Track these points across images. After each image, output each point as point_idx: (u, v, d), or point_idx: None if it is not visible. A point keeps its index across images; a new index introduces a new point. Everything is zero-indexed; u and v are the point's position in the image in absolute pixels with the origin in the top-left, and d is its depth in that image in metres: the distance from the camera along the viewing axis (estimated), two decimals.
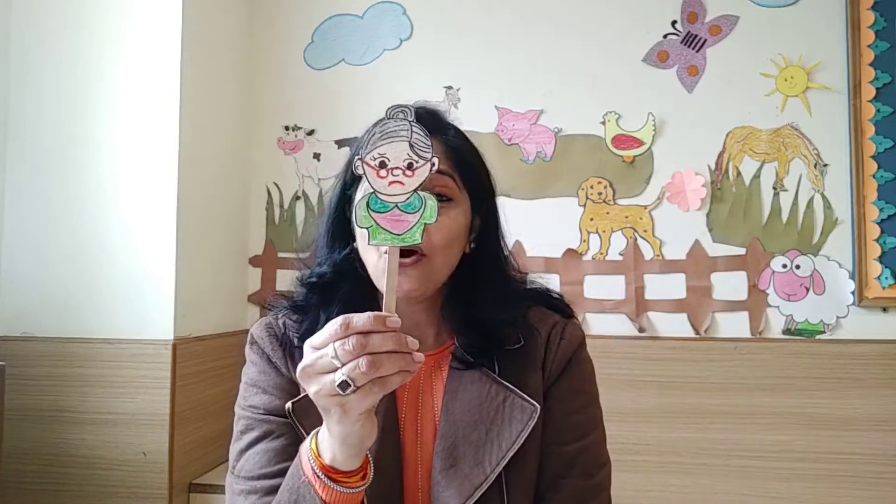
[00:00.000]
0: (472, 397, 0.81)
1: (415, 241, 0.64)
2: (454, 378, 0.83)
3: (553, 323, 0.88)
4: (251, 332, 0.88)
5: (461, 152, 0.84)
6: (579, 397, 0.86)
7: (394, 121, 0.64)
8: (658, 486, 1.79)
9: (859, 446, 1.73)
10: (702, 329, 1.85)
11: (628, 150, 1.92)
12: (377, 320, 0.60)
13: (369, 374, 0.59)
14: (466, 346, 0.83)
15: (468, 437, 0.79)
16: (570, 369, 0.86)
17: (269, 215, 2.08)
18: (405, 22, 2.04)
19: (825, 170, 1.84)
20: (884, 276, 1.76)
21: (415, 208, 0.64)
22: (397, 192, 0.63)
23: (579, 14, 1.96)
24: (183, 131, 1.69)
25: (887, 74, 1.79)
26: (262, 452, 0.79)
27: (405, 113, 0.64)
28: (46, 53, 1.72)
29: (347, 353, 0.59)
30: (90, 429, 1.62)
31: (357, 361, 0.59)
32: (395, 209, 0.63)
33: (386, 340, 0.60)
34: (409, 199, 0.63)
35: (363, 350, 0.59)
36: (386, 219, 0.63)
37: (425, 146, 0.64)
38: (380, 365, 0.59)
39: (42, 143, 1.70)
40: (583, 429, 0.85)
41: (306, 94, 2.07)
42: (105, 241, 1.67)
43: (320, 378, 0.61)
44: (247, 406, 0.84)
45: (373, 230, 0.63)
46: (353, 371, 0.59)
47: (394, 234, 0.63)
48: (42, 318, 1.67)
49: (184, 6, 1.69)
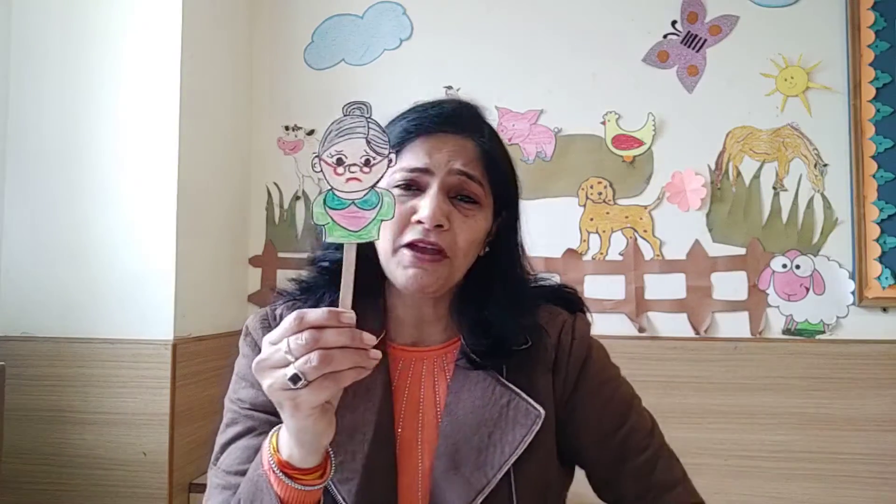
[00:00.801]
0: (476, 398, 0.80)
1: (371, 237, 0.63)
2: (459, 377, 0.81)
3: (562, 322, 0.87)
4: (246, 323, 0.88)
5: (493, 157, 0.83)
6: (606, 387, 0.86)
7: (350, 117, 0.63)
8: None
9: (859, 446, 1.73)
10: (702, 329, 1.85)
11: (628, 150, 1.92)
12: (331, 315, 0.60)
13: (320, 369, 0.59)
14: (473, 346, 0.82)
15: (470, 439, 0.78)
16: (588, 366, 0.85)
17: (269, 215, 2.08)
18: (405, 22, 2.04)
19: (825, 170, 1.83)
20: (884, 276, 1.76)
21: (372, 205, 0.63)
22: (354, 189, 0.63)
23: (579, 14, 1.96)
24: (183, 131, 1.69)
25: (887, 74, 1.79)
26: (244, 449, 0.79)
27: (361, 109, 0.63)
28: (46, 53, 1.72)
29: (300, 348, 0.59)
30: (90, 429, 1.62)
31: (309, 356, 0.59)
32: (352, 206, 0.63)
33: (339, 335, 0.60)
34: (366, 196, 0.63)
35: (315, 345, 0.59)
36: (343, 215, 0.63)
37: (382, 142, 0.63)
38: (331, 360, 0.59)
39: (42, 143, 1.70)
40: (621, 414, 0.85)
41: (306, 94, 2.07)
42: (105, 241, 1.67)
43: (273, 372, 0.61)
44: (235, 399, 0.84)
45: (330, 227, 0.63)
46: (305, 365, 0.59)
47: (350, 231, 0.63)
48: (42, 318, 1.67)
49: (184, 6, 1.69)
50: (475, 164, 0.80)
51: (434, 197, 0.77)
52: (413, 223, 0.77)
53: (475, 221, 0.80)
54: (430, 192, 0.77)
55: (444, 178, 0.78)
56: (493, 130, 0.86)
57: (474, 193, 0.80)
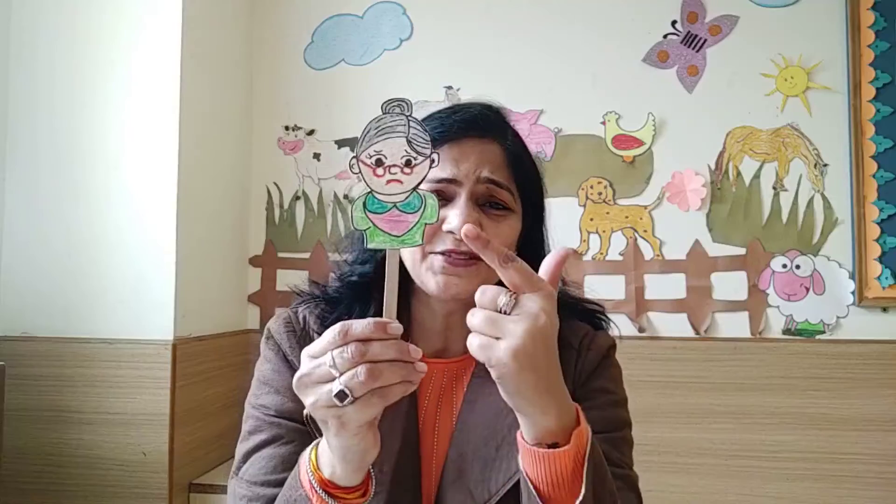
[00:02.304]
0: (489, 410, 0.78)
1: (415, 242, 0.60)
2: (475, 388, 0.80)
3: (583, 335, 0.85)
4: (268, 325, 0.84)
5: (520, 160, 0.81)
6: (604, 395, 0.83)
7: (390, 116, 0.60)
8: (658, 486, 1.79)
9: (859, 446, 1.73)
10: (702, 329, 1.85)
11: (628, 150, 1.92)
12: (377, 327, 0.57)
13: (368, 384, 0.56)
14: None
15: (478, 451, 0.76)
16: (596, 373, 0.84)
17: (269, 215, 2.08)
18: (405, 22, 2.04)
19: (825, 170, 1.84)
20: (884, 276, 1.76)
21: (414, 208, 0.60)
22: (396, 192, 0.59)
23: (579, 14, 1.96)
24: (183, 131, 1.69)
25: (887, 74, 1.79)
26: (269, 458, 0.76)
27: (402, 107, 0.60)
28: (47, 54, 1.72)
29: (346, 362, 0.56)
30: (90, 429, 1.62)
31: (355, 371, 0.56)
32: (393, 209, 0.60)
33: (386, 348, 0.57)
34: (409, 199, 0.60)
35: (362, 358, 0.56)
36: (384, 220, 0.60)
37: (424, 141, 0.60)
38: (379, 374, 0.56)
39: (42, 143, 1.70)
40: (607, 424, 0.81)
41: (306, 94, 2.07)
42: (105, 241, 1.67)
43: (317, 388, 0.58)
44: (258, 405, 0.81)
45: (370, 232, 0.60)
46: (352, 381, 0.55)
47: (393, 237, 0.60)
48: (42, 318, 1.67)
49: (184, 6, 1.69)
50: (502, 170, 0.78)
51: (463, 206, 0.75)
52: (443, 233, 0.75)
53: (506, 225, 0.78)
54: (459, 201, 0.75)
55: (472, 187, 0.76)
56: (517, 133, 0.84)
57: (503, 201, 0.78)
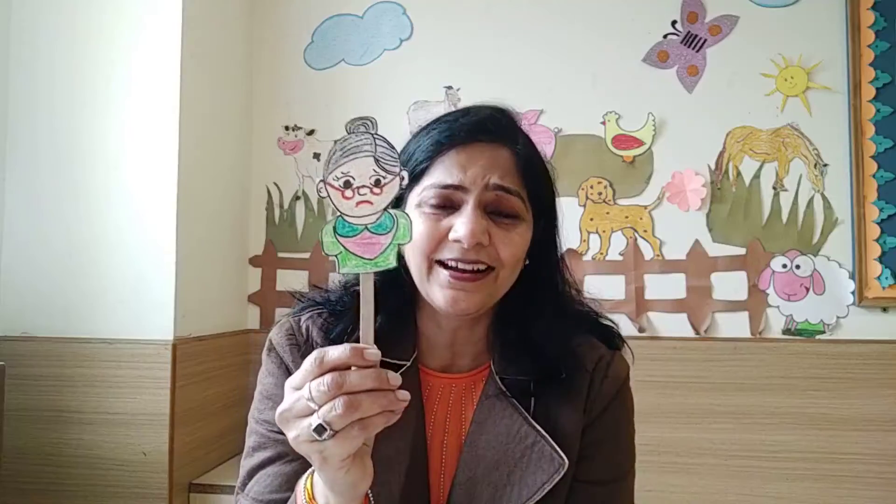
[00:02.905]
0: (500, 433, 0.75)
1: (389, 264, 0.58)
2: (484, 407, 0.77)
3: (598, 357, 0.82)
4: (270, 336, 0.82)
5: (531, 165, 0.77)
6: (616, 439, 0.82)
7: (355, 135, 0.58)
8: (658, 486, 1.79)
9: (859, 446, 1.73)
10: (702, 329, 1.85)
11: (628, 150, 1.92)
12: (354, 353, 0.55)
13: (347, 417, 0.53)
14: (503, 373, 0.78)
15: (489, 475, 0.74)
16: (611, 408, 0.81)
17: (269, 215, 2.08)
18: (405, 22, 2.04)
19: (825, 170, 1.84)
20: (884, 276, 1.76)
21: (386, 228, 0.58)
22: (366, 213, 0.57)
23: (579, 14, 1.96)
24: (183, 131, 1.69)
25: (887, 74, 1.79)
26: (274, 476, 0.74)
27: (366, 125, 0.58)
28: (47, 53, 1.72)
29: (322, 394, 0.54)
30: (90, 429, 1.62)
31: (333, 403, 0.53)
32: (364, 231, 0.58)
33: (364, 378, 0.54)
34: (380, 220, 0.58)
35: (339, 390, 0.53)
36: (356, 243, 0.57)
37: (392, 159, 0.58)
38: (358, 406, 0.53)
39: (42, 143, 1.70)
40: (615, 471, 0.81)
41: (306, 94, 2.07)
42: (105, 241, 1.67)
43: (297, 423, 0.56)
44: (261, 420, 0.79)
45: (342, 257, 0.57)
46: (330, 414, 0.53)
47: (366, 260, 0.57)
48: (42, 318, 1.67)
49: (184, 6, 1.69)
50: (512, 176, 0.74)
51: (471, 214, 0.71)
52: (450, 241, 0.72)
53: (517, 234, 0.74)
54: (466, 209, 0.72)
55: (480, 194, 0.72)
56: (528, 137, 0.80)
57: (513, 208, 0.74)
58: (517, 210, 0.74)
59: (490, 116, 0.78)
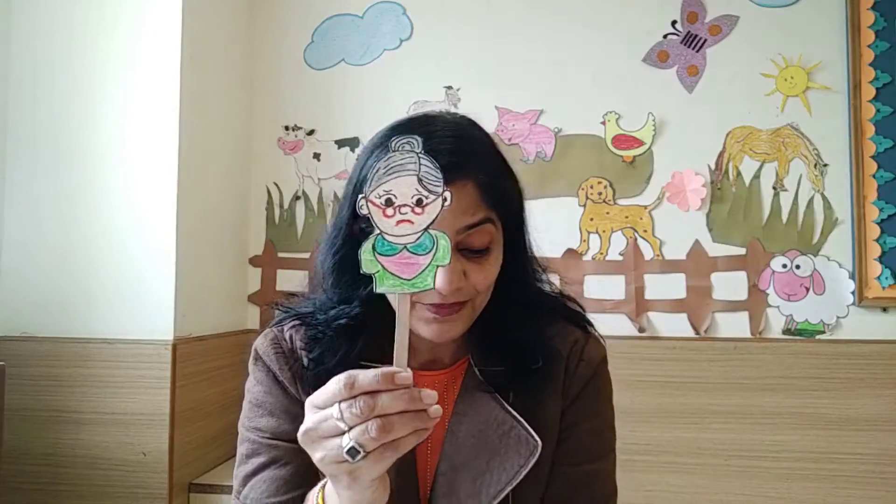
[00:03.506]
0: (479, 422, 0.77)
1: (426, 286, 0.57)
2: (464, 399, 0.79)
3: (573, 342, 0.83)
4: (255, 346, 0.82)
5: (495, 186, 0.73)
6: (593, 420, 0.82)
7: (399, 153, 0.57)
8: (658, 486, 1.79)
9: (859, 446, 1.73)
10: (702, 329, 1.85)
11: (628, 150, 1.92)
12: (385, 378, 0.55)
13: (380, 439, 0.54)
14: (481, 365, 0.79)
15: (469, 463, 0.75)
16: (586, 390, 0.82)
17: (269, 215, 2.08)
18: (405, 22, 2.04)
19: (825, 170, 1.83)
20: (884, 276, 1.76)
21: (426, 249, 0.57)
22: (406, 233, 0.57)
23: (579, 14, 1.96)
24: (183, 131, 1.69)
25: (887, 74, 1.79)
26: (270, 480, 0.75)
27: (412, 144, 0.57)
28: (47, 53, 1.72)
29: (355, 417, 0.54)
30: (90, 429, 1.62)
31: (366, 425, 0.53)
32: (403, 251, 0.57)
33: (397, 400, 0.54)
34: (420, 240, 0.57)
35: (372, 413, 0.54)
36: (394, 262, 0.57)
37: (435, 179, 0.57)
38: (391, 428, 0.54)
39: (42, 143, 1.70)
40: (593, 453, 0.81)
41: (306, 94, 2.07)
42: (105, 241, 1.67)
43: (325, 443, 0.56)
44: (252, 427, 0.79)
45: (380, 276, 0.57)
46: (363, 436, 0.53)
47: (404, 280, 0.57)
48: (42, 318, 1.67)
49: (184, 6, 1.69)
50: (480, 207, 0.71)
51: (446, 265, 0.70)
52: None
53: (490, 261, 0.74)
54: None
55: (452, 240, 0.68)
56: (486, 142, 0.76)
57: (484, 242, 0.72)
58: (490, 239, 0.73)
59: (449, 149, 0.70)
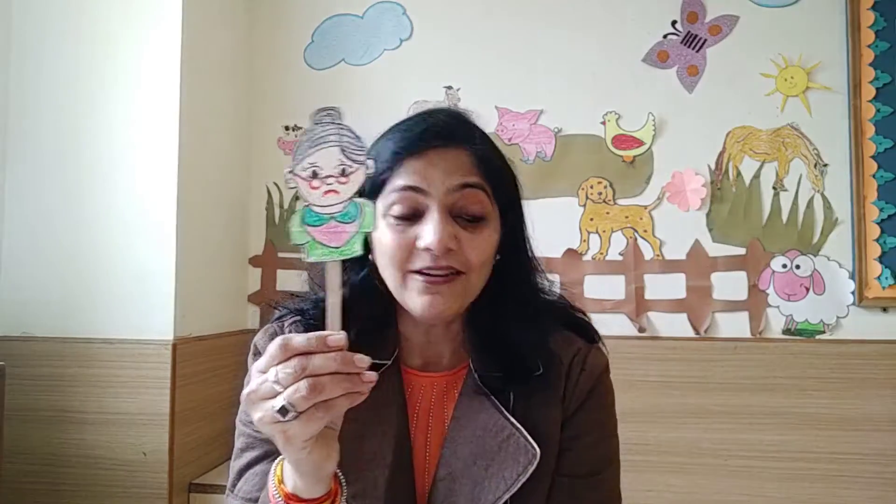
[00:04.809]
0: (478, 428, 0.77)
1: (354, 252, 0.59)
2: (463, 404, 0.79)
3: (575, 351, 0.82)
4: (254, 341, 0.83)
5: (490, 160, 0.78)
6: (596, 430, 0.82)
7: (321, 126, 0.60)
8: (658, 486, 1.79)
9: (859, 446, 1.73)
10: (702, 329, 1.85)
11: (628, 150, 1.92)
12: (318, 340, 0.57)
13: (311, 399, 0.55)
14: (481, 370, 0.79)
15: (468, 470, 0.76)
16: (589, 400, 0.81)
17: (269, 215, 2.08)
18: (405, 22, 2.04)
19: (825, 170, 1.83)
20: (884, 276, 1.76)
21: (352, 217, 0.59)
22: (332, 202, 0.59)
23: (579, 14, 1.96)
24: (183, 131, 1.69)
25: (887, 74, 1.79)
26: (262, 474, 0.76)
27: (332, 115, 0.60)
28: (47, 54, 1.72)
29: (288, 377, 0.55)
30: (90, 429, 1.62)
31: (297, 385, 0.55)
32: (331, 221, 0.59)
33: (328, 361, 0.56)
34: (346, 209, 0.59)
35: (303, 373, 0.55)
36: (322, 232, 0.59)
37: (358, 148, 0.59)
38: (322, 388, 0.55)
39: (42, 143, 1.70)
40: (597, 464, 0.81)
41: (306, 94, 2.07)
42: (105, 241, 1.67)
43: (262, 404, 0.57)
44: (247, 422, 0.80)
45: (309, 246, 0.59)
46: (294, 395, 0.55)
47: (332, 248, 0.59)
48: (42, 318, 1.67)
49: (184, 7, 1.69)
50: (473, 172, 0.75)
51: (437, 220, 0.72)
52: (419, 251, 0.73)
53: (484, 237, 0.75)
54: (432, 215, 0.73)
55: (444, 197, 0.73)
56: (485, 134, 0.81)
57: (478, 209, 0.75)
58: (483, 207, 0.75)
59: (444, 121, 0.79)
